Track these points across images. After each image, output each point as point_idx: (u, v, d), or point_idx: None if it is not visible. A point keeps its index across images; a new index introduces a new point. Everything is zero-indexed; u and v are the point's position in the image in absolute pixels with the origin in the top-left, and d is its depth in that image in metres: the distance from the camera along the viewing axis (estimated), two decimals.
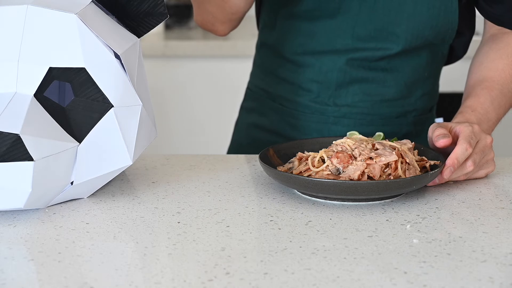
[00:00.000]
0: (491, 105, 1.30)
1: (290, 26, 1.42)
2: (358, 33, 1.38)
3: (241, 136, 1.57)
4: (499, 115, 1.32)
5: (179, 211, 1.09)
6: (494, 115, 1.30)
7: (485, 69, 1.35)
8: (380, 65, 1.40)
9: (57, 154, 1.04)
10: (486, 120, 1.28)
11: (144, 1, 1.14)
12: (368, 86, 1.41)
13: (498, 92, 1.31)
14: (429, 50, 1.41)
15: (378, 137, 1.23)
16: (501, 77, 1.33)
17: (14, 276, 0.89)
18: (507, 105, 1.33)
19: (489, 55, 1.37)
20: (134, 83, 1.12)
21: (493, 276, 0.88)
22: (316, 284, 0.86)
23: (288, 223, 1.04)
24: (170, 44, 2.65)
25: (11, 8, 1.06)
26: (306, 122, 1.44)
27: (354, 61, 1.39)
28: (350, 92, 1.41)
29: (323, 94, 1.42)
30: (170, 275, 0.89)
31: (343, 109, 1.42)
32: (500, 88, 1.32)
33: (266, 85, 1.49)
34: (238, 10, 1.39)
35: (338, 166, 1.12)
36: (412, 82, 1.42)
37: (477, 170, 1.20)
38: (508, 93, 1.33)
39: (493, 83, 1.32)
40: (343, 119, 1.43)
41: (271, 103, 1.48)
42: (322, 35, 1.40)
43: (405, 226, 1.03)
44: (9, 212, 1.07)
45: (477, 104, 1.29)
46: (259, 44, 1.52)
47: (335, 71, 1.40)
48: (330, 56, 1.40)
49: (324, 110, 1.43)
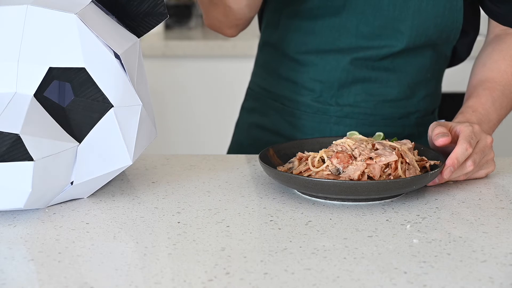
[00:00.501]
0: (492, 105, 1.30)
1: (293, 24, 1.42)
2: (362, 31, 1.37)
3: (242, 136, 1.56)
4: (500, 116, 1.31)
5: (179, 211, 1.09)
6: (495, 115, 1.30)
7: (488, 70, 1.35)
8: (383, 64, 1.40)
9: (57, 154, 1.04)
10: (487, 121, 1.28)
11: (144, 1, 1.14)
12: (371, 86, 1.41)
13: (499, 93, 1.31)
14: (432, 50, 1.41)
15: (378, 137, 1.23)
16: (503, 78, 1.33)
17: (14, 276, 0.89)
18: (508, 106, 1.33)
19: (492, 56, 1.37)
20: (134, 83, 1.12)
21: (493, 276, 0.88)
22: (316, 284, 0.86)
23: (288, 223, 1.04)
24: (170, 44, 2.65)
25: (11, 8, 1.06)
26: (307, 121, 1.44)
27: (358, 61, 1.39)
28: (353, 92, 1.41)
29: (325, 94, 1.42)
30: (170, 275, 0.89)
31: (346, 109, 1.42)
32: (502, 89, 1.32)
33: (268, 85, 1.49)
34: (243, 17, 1.39)
35: (338, 166, 1.12)
36: (415, 83, 1.42)
37: (477, 170, 1.20)
38: (510, 94, 1.33)
39: (495, 84, 1.32)
40: (345, 119, 1.42)
41: (273, 103, 1.48)
42: (326, 34, 1.40)
43: (405, 226, 1.03)
44: (9, 212, 1.07)
45: (478, 104, 1.29)
46: (261, 43, 1.52)
47: (338, 70, 1.40)
48: (334, 55, 1.40)
49: (326, 110, 1.43)
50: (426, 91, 1.44)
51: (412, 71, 1.41)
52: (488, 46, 1.40)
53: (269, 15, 1.48)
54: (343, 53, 1.39)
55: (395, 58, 1.39)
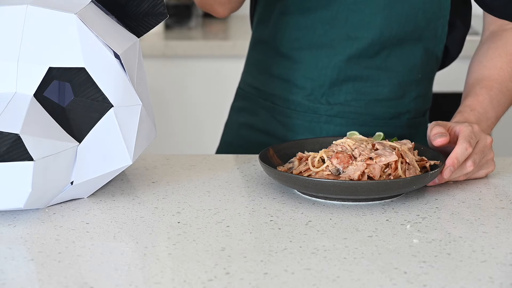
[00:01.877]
0: (490, 103, 1.30)
1: (286, 19, 1.42)
2: (352, 22, 1.37)
3: (231, 136, 1.55)
4: (498, 113, 1.31)
5: (179, 211, 1.08)
6: (493, 113, 1.30)
7: (484, 68, 1.35)
8: (375, 63, 1.39)
9: (57, 154, 1.04)
10: (485, 119, 1.28)
11: (143, 1, 1.14)
12: (362, 85, 1.41)
13: (497, 90, 1.31)
14: (422, 48, 1.40)
15: (378, 137, 1.23)
16: (500, 75, 1.33)
17: (14, 276, 0.89)
18: (506, 103, 1.33)
19: (488, 54, 1.36)
20: (134, 83, 1.12)
21: (493, 276, 0.88)
22: (316, 284, 0.86)
23: (288, 223, 1.04)
24: (170, 44, 2.65)
25: (11, 8, 1.06)
26: (298, 120, 1.44)
27: (350, 58, 1.39)
28: (344, 91, 1.41)
29: (316, 92, 1.42)
30: (170, 275, 0.89)
31: (336, 108, 1.42)
32: (499, 87, 1.32)
33: (259, 84, 1.48)
34: None
35: (338, 167, 1.12)
36: (406, 83, 1.42)
37: (477, 170, 1.20)
38: (507, 92, 1.33)
39: (492, 81, 1.32)
40: (335, 118, 1.42)
41: (263, 102, 1.47)
42: (318, 27, 1.40)
43: (405, 226, 1.03)
44: (9, 212, 1.07)
45: (476, 103, 1.29)
46: (253, 42, 1.51)
47: (329, 68, 1.40)
48: (326, 51, 1.40)
49: (316, 109, 1.43)
50: (417, 92, 1.44)
51: (403, 70, 1.41)
52: (484, 44, 1.40)
53: (261, 10, 1.47)
54: (335, 49, 1.39)
55: (387, 55, 1.39)
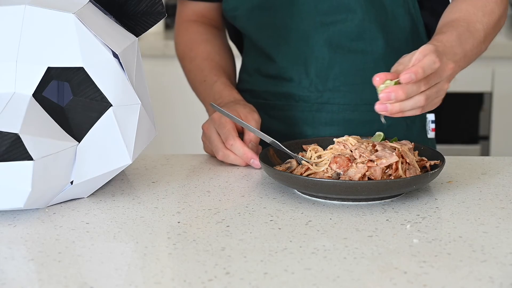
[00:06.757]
0: (458, 39, 1.27)
1: (260, 20, 1.45)
2: (321, 8, 1.40)
3: None
4: (466, 51, 1.27)
5: (179, 211, 1.08)
6: (460, 50, 1.26)
7: (451, 13, 1.35)
8: (359, 46, 1.41)
9: (56, 154, 1.03)
10: (452, 54, 1.23)
11: (142, 0, 1.14)
12: (348, 69, 1.42)
13: (464, 29, 1.30)
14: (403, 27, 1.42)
15: (378, 137, 1.23)
16: (465, 16, 1.32)
17: (14, 276, 0.89)
18: (474, 44, 1.30)
19: (456, 4, 1.37)
20: (133, 82, 1.12)
21: (493, 276, 0.88)
22: (316, 284, 0.86)
23: (288, 223, 1.03)
24: (170, 44, 2.64)
25: (9, 8, 1.06)
26: (290, 112, 1.46)
27: (330, 44, 1.40)
28: (331, 77, 1.43)
29: (304, 81, 1.44)
30: (170, 275, 0.89)
31: (326, 95, 1.43)
32: (466, 26, 1.30)
33: (251, 85, 1.52)
34: None
35: (338, 171, 1.12)
36: None
37: (429, 102, 1.14)
38: (474, 32, 1.31)
39: (459, 22, 1.31)
40: (326, 105, 1.44)
41: (255, 100, 1.49)
42: (288, 22, 1.42)
43: (405, 226, 1.03)
44: (9, 212, 1.07)
45: (443, 37, 1.26)
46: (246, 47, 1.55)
47: (313, 57, 1.42)
48: (306, 41, 1.42)
49: (307, 98, 1.45)
50: None
51: (389, 52, 1.41)
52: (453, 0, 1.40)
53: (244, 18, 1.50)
54: (312, 35, 1.42)
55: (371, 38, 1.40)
